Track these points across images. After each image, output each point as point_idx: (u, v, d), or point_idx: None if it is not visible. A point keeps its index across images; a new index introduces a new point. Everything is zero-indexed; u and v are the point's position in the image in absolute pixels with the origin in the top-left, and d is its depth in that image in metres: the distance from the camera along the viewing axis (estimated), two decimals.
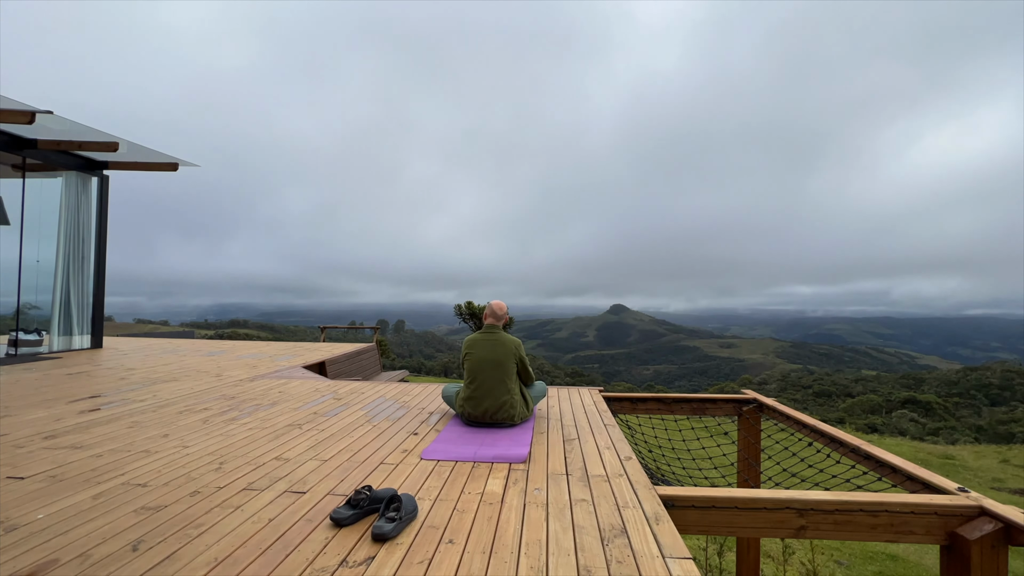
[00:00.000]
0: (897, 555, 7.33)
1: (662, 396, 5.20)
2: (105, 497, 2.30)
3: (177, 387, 4.93)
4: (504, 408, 3.52)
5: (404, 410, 4.17)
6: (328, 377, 6.66)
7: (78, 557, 1.78)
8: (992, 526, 2.33)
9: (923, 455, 13.87)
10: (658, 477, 5.57)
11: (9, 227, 7.09)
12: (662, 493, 2.47)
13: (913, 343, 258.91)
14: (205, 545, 1.88)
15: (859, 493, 2.62)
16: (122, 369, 5.99)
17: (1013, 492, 10.98)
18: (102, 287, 7.94)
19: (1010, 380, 47.82)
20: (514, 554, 1.84)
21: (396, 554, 1.83)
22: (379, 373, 8.81)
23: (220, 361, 6.85)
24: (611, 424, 3.77)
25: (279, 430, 3.46)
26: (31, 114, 5.47)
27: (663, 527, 2.07)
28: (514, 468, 2.76)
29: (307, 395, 4.68)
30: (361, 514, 2.09)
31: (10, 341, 6.88)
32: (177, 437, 3.25)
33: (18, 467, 2.67)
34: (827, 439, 3.79)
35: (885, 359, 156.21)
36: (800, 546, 6.73)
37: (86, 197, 7.67)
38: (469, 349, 3.73)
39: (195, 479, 2.53)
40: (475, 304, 16.98)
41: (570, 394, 4.86)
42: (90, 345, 7.82)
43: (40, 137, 6.67)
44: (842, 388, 51.62)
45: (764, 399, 4.90)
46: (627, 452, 3.08)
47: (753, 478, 4.87)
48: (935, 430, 26.84)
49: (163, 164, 7.83)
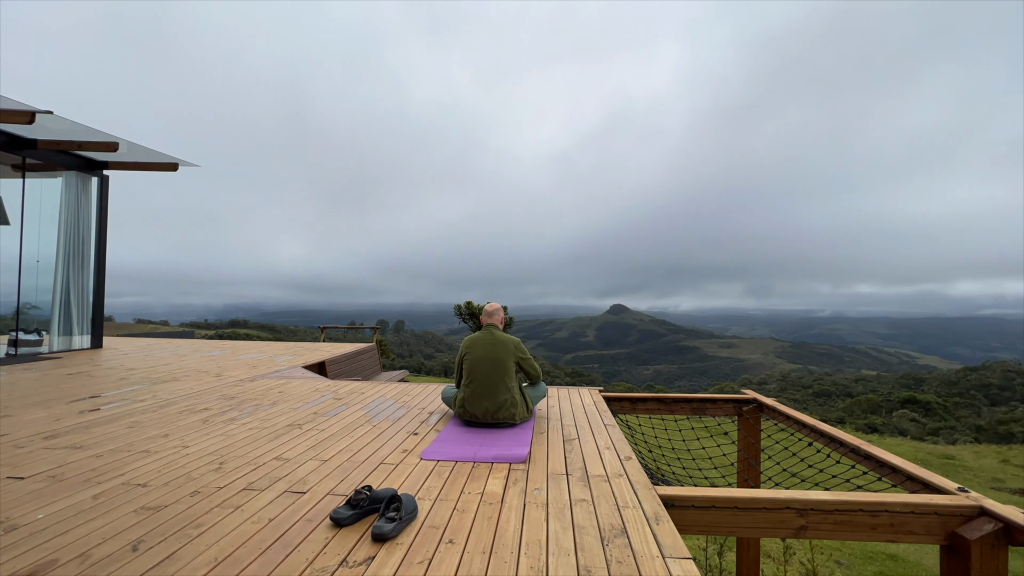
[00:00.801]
0: (897, 555, 7.33)
1: (662, 396, 5.21)
2: (105, 497, 2.30)
3: (177, 387, 4.93)
4: (504, 408, 3.52)
5: (404, 410, 4.17)
6: (328, 377, 6.66)
7: (78, 557, 1.79)
8: (992, 526, 2.33)
9: (923, 455, 13.88)
10: (658, 477, 5.57)
11: (9, 227, 7.11)
12: (662, 493, 2.47)
13: (913, 343, 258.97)
14: (205, 545, 1.88)
15: (859, 493, 2.62)
16: (122, 369, 5.99)
17: (1013, 492, 10.98)
18: (102, 287, 7.95)
19: (1010, 380, 47.83)
20: (514, 554, 1.84)
21: (396, 554, 1.83)
22: (379, 373, 8.82)
23: (220, 361, 6.85)
24: (611, 424, 3.77)
25: (279, 430, 3.46)
26: (31, 114, 5.47)
27: (663, 527, 2.07)
28: (514, 468, 2.76)
29: (307, 395, 4.68)
30: (361, 514, 2.09)
31: (10, 341, 6.89)
32: (177, 437, 3.25)
33: (18, 467, 2.67)
34: (827, 439, 3.79)
35: (885, 359, 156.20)
36: (800, 546, 6.73)
37: (86, 197, 7.67)
38: (468, 349, 3.71)
39: (195, 479, 2.53)
40: (475, 304, 16.99)
41: (570, 394, 4.86)
42: (90, 345, 7.83)
43: (40, 137, 6.68)
44: (842, 388, 51.62)
45: (764, 399, 4.90)
46: (627, 452, 3.08)
47: (753, 478, 4.87)
48: (935, 430, 26.85)
49: (163, 164, 7.85)
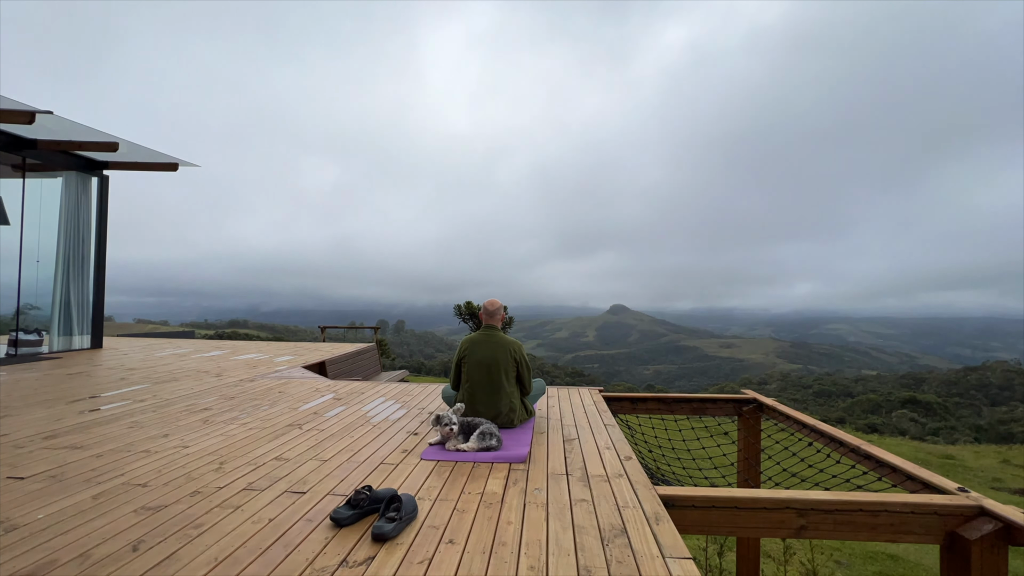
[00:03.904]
0: (897, 555, 7.33)
1: (662, 396, 5.21)
2: (105, 497, 2.30)
3: (177, 387, 4.93)
4: (502, 415, 3.51)
5: (404, 410, 4.17)
6: (328, 377, 6.66)
7: (78, 557, 1.79)
8: (992, 526, 2.33)
9: (923, 455, 13.89)
10: (658, 477, 5.57)
11: (9, 227, 7.11)
12: (662, 493, 2.47)
13: (913, 343, 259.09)
14: (205, 545, 1.88)
15: (859, 493, 2.62)
16: (122, 369, 5.99)
17: (1013, 492, 10.99)
18: (102, 287, 7.95)
19: (1010, 380, 47.85)
20: (514, 554, 1.84)
21: (396, 554, 1.84)
22: (379, 373, 8.82)
23: (220, 361, 6.86)
24: (611, 424, 3.77)
25: (279, 430, 3.46)
26: (31, 114, 5.47)
27: (663, 527, 2.07)
28: (514, 468, 2.76)
29: (307, 395, 4.68)
30: (361, 514, 2.09)
31: (10, 341, 6.88)
32: (177, 437, 3.25)
33: (18, 467, 2.67)
34: (827, 439, 3.80)
35: (885, 359, 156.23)
36: (800, 546, 6.74)
37: (86, 197, 7.67)
38: (467, 349, 3.68)
39: (195, 479, 2.53)
40: (474, 304, 16.97)
41: (570, 394, 4.86)
42: (90, 345, 7.82)
43: (40, 137, 6.68)
44: (842, 388, 51.64)
45: (764, 399, 4.91)
46: (627, 452, 3.08)
47: (753, 478, 4.87)
48: (935, 430, 26.86)
49: (163, 164, 7.85)
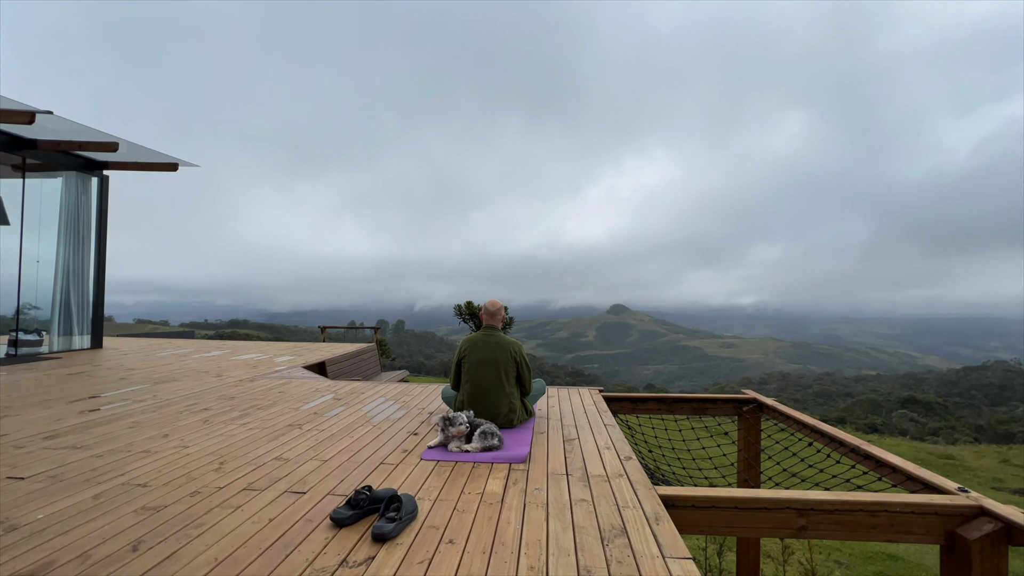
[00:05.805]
0: (897, 555, 7.33)
1: (662, 396, 5.21)
2: (105, 497, 2.30)
3: (177, 387, 4.93)
4: (502, 416, 3.51)
5: (404, 410, 4.17)
6: (328, 377, 6.66)
7: (78, 557, 1.79)
8: (992, 526, 2.33)
9: (923, 455, 13.89)
10: (658, 477, 5.57)
11: (9, 227, 7.10)
12: (662, 493, 2.47)
13: (913, 343, 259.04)
14: (205, 545, 1.88)
15: (859, 493, 2.62)
16: (122, 369, 5.99)
17: (1013, 492, 10.99)
18: (102, 287, 7.95)
19: (1010, 380, 47.86)
20: (514, 554, 1.84)
21: (396, 554, 1.83)
22: (379, 373, 8.82)
23: (220, 361, 6.86)
24: (611, 424, 3.77)
25: (279, 430, 3.46)
26: (31, 114, 5.47)
27: (663, 527, 2.07)
28: (514, 468, 2.76)
29: (307, 395, 4.68)
30: (361, 514, 2.09)
31: (10, 341, 6.88)
32: (177, 437, 3.25)
33: (18, 467, 2.67)
34: (827, 439, 3.80)
35: (885, 359, 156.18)
36: (800, 546, 6.73)
37: (86, 197, 7.67)
38: (467, 349, 3.68)
39: (195, 479, 2.53)
40: (475, 304, 16.96)
41: (570, 394, 4.86)
42: (90, 345, 7.82)
43: (40, 137, 6.68)
44: (842, 388, 51.66)
45: (764, 399, 4.91)
46: (627, 452, 3.08)
47: (753, 478, 4.87)
48: (935, 430, 26.87)
49: (163, 164, 7.85)
